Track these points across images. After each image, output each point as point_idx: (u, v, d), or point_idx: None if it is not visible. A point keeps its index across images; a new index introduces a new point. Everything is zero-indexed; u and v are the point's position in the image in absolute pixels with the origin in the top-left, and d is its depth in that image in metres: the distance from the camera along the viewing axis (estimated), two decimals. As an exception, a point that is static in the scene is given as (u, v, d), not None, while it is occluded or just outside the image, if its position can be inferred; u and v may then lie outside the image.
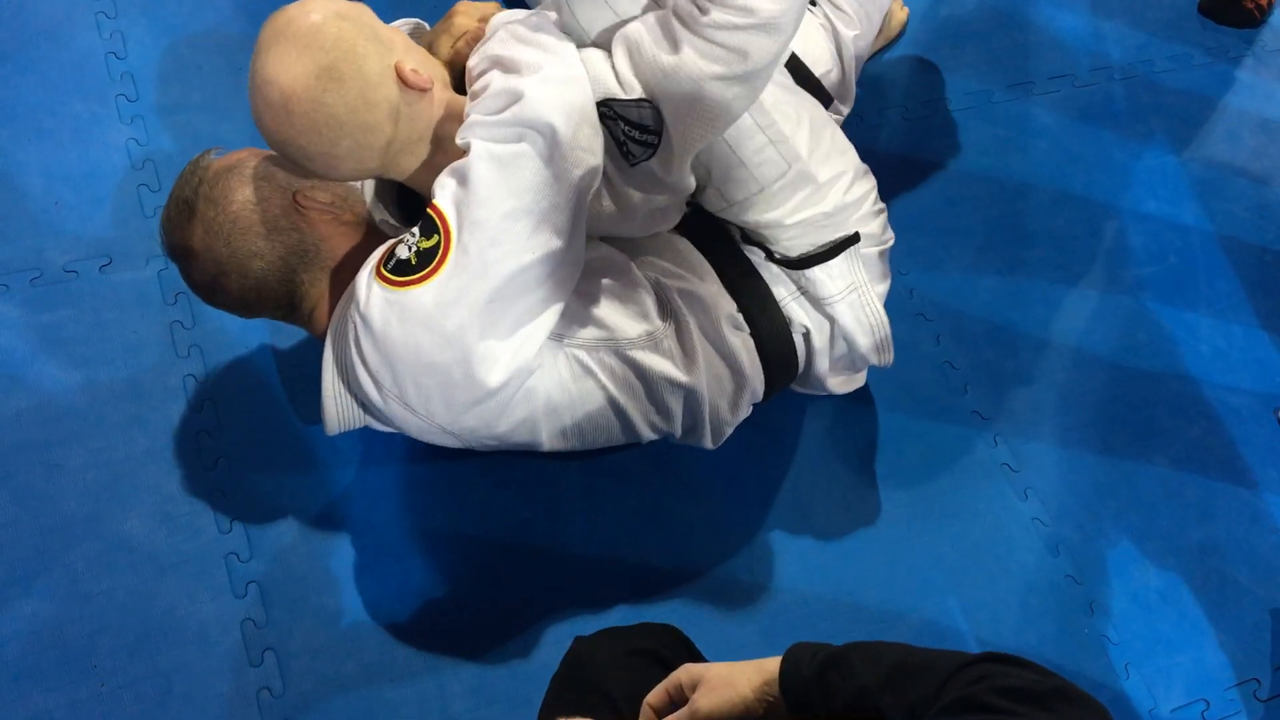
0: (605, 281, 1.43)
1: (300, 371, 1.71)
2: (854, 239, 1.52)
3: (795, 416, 1.76)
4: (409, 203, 1.51)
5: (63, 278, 1.75)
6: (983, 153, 2.13)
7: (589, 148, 1.29)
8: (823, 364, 1.57)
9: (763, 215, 1.47)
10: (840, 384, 1.63)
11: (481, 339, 1.27)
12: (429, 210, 1.27)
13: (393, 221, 1.49)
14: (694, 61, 1.22)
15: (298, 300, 1.45)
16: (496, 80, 1.28)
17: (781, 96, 1.44)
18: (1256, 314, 1.99)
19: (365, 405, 1.37)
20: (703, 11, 1.20)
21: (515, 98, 1.25)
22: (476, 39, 1.42)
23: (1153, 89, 2.27)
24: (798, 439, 1.75)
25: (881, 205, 1.58)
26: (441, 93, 1.37)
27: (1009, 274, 1.98)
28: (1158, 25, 2.39)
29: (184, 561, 1.54)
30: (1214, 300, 2.00)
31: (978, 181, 2.09)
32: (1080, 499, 1.76)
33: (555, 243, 1.29)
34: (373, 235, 1.46)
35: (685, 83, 1.24)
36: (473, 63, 1.36)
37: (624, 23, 1.31)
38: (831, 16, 1.86)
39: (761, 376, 1.53)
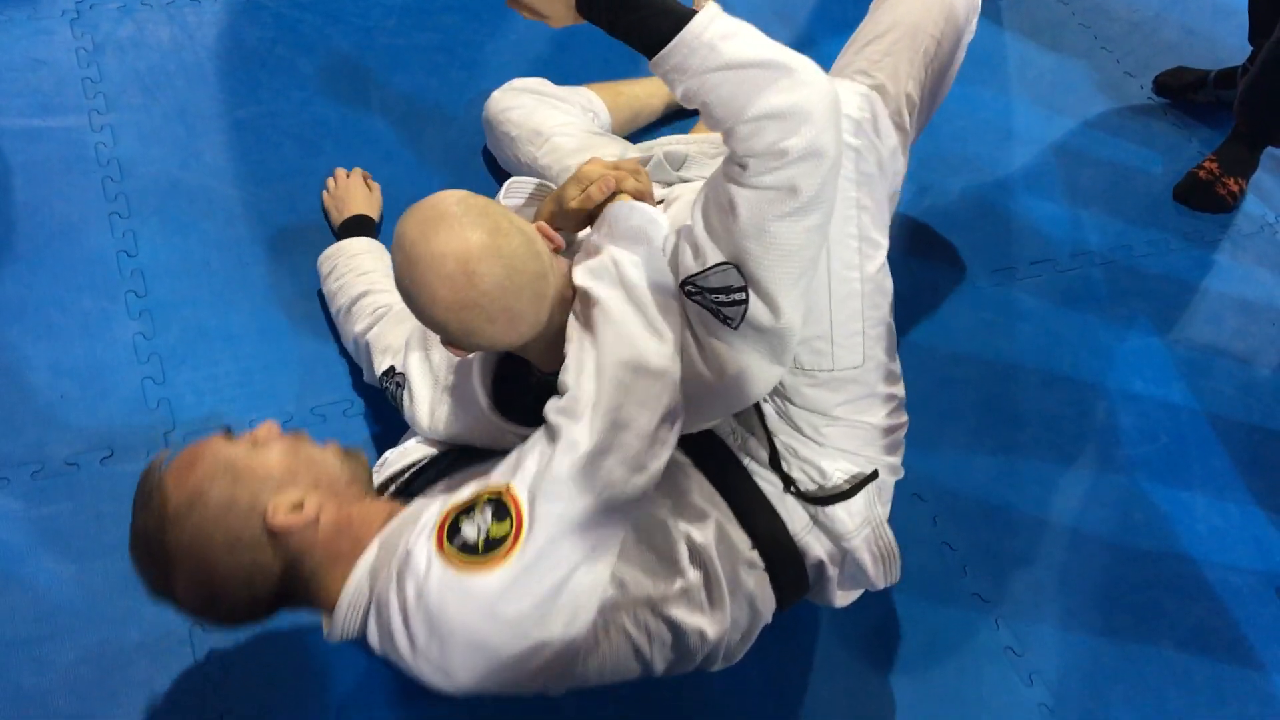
0: (644, 540, 1.40)
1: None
2: (873, 476, 1.51)
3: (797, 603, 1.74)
4: (503, 384, 1.54)
5: (64, 470, 1.77)
6: (970, 336, 2.18)
7: (665, 441, 1.33)
8: (832, 585, 1.56)
9: (817, 398, 1.48)
10: (844, 597, 1.61)
11: (539, 625, 1.26)
12: (505, 497, 1.27)
13: (488, 403, 1.51)
14: (752, 211, 1.27)
15: (296, 604, 1.37)
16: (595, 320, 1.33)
17: (885, 304, 1.50)
18: (1251, 492, 1.99)
19: (387, 656, 1.31)
20: (743, 168, 1.26)
21: (603, 385, 1.30)
22: (606, 186, 1.46)
23: (1133, 273, 2.34)
24: (798, 625, 1.73)
25: (904, 442, 1.60)
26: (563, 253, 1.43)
27: (1002, 454, 2.00)
28: (1134, 212, 2.47)
29: (171, 761, 1.51)
30: (1208, 479, 2.01)
31: (967, 363, 2.13)
32: (1087, 683, 1.73)
33: (619, 530, 1.31)
34: (359, 505, 1.39)
35: (753, 233, 1.28)
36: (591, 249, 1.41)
37: None
38: None
39: (774, 608, 1.51)
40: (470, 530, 1.26)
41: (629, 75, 2.36)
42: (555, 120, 2.09)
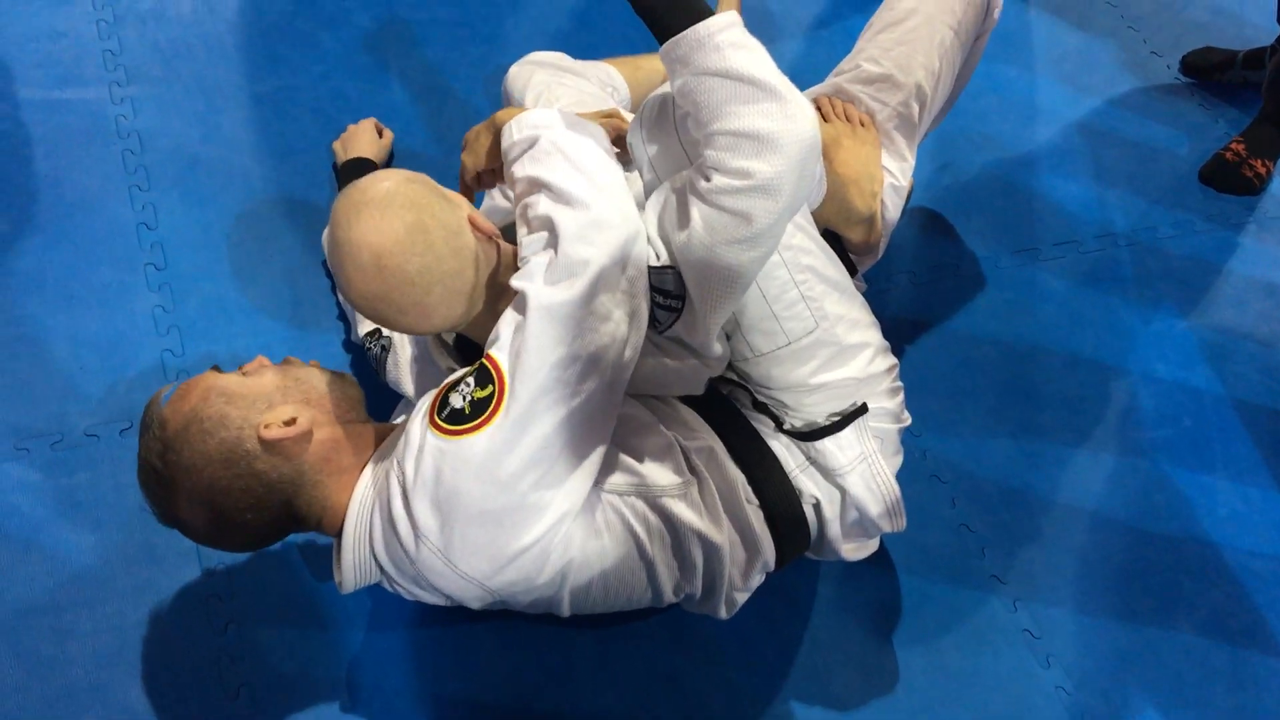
0: (636, 433, 1.46)
1: (315, 535, 1.71)
2: (862, 410, 1.53)
3: (810, 579, 1.74)
4: (468, 348, 1.55)
5: (83, 441, 1.77)
6: (991, 316, 2.16)
7: (630, 291, 1.35)
8: (835, 531, 1.57)
9: (787, 374, 1.49)
10: (853, 550, 1.62)
11: (533, 487, 1.29)
12: (485, 361, 1.31)
13: (457, 368, 1.52)
14: (707, 229, 1.28)
15: (299, 522, 1.39)
16: (542, 204, 1.35)
17: (817, 261, 1.49)
18: (1273, 476, 1.98)
19: (395, 562, 1.35)
20: (706, 179, 1.27)
21: (563, 238, 1.31)
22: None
23: (1158, 255, 2.32)
24: (814, 603, 1.73)
25: (900, 384, 1.60)
26: (501, 241, 1.45)
27: (1022, 436, 1.99)
28: (1160, 193, 2.45)
29: (189, 731, 1.52)
30: (1230, 463, 1.99)
31: (987, 344, 2.12)
32: (1104, 667, 1.72)
33: (600, 388, 1.33)
34: (355, 425, 1.43)
35: (699, 250, 1.30)
36: (518, 172, 1.41)
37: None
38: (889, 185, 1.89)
39: (772, 547, 1.53)
40: (457, 399, 1.31)
41: (649, 50, 2.34)
42: (567, 99, 2.08)
